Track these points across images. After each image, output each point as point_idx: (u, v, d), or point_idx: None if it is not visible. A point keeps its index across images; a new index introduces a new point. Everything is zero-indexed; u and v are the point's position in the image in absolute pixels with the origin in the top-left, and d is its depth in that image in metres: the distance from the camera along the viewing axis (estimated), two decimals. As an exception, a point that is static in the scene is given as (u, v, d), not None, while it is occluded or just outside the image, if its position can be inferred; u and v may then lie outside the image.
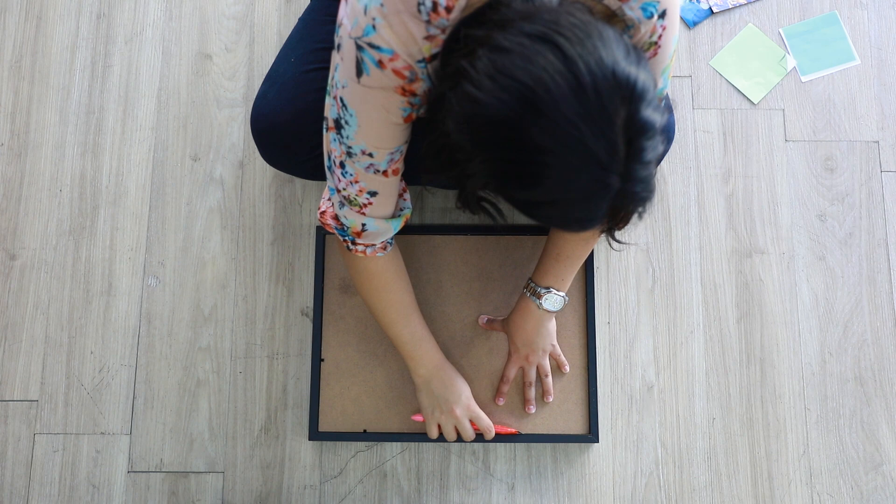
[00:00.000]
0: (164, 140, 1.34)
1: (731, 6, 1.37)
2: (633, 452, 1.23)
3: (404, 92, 0.81)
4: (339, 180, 0.92)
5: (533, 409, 1.21)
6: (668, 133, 1.13)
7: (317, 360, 1.22)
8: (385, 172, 0.91)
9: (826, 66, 1.36)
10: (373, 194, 0.93)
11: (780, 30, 1.37)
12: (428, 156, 0.82)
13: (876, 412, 1.24)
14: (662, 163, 1.31)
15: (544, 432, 1.21)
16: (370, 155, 0.87)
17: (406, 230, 1.27)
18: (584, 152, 0.68)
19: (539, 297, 1.12)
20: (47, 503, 1.23)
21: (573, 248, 1.10)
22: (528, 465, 1.23)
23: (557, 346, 1.20)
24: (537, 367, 1.20)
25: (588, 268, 1.24)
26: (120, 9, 1.39)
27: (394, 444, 1.23)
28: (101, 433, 1.25)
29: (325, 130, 0.92)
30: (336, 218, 0.99)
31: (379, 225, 0.98)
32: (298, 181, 1.32)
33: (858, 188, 1.31)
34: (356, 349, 1.23)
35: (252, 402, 1.25)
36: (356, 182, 0.91)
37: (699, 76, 1.36)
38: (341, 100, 0.84)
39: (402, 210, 1.02)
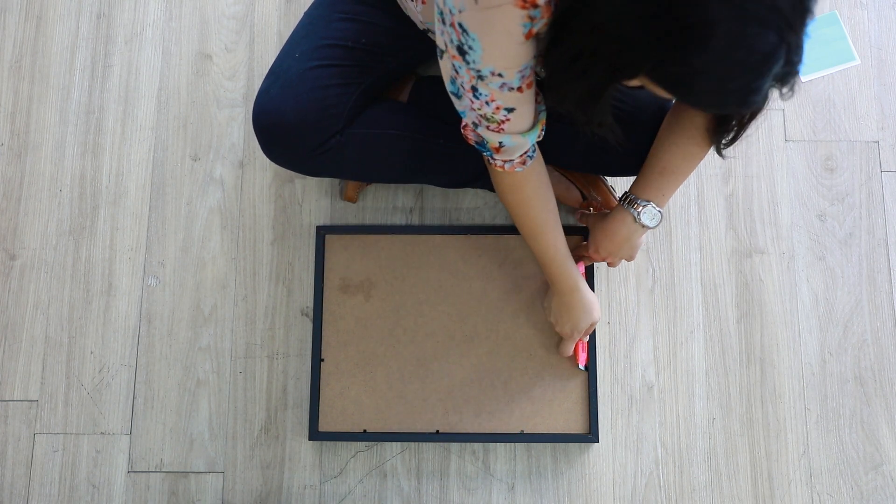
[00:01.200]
0: (164, 140, 1.34)
1: (731, 6, 1.37)
2: (633, 452, 1.23)
3: (524, 4, 0.79)
4: (473, 102, 0.91)
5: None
6: None
7: (317, 360, 1.22)
8: (519, 88, 0.89)
9: (826, 66, 1.36)
10: (510, 110, 0.91)
11: (780, 30, 1.37)
12: (557, 70, 0.81)
13: (876, 412, 1.24)
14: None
15: (544, 432, 1.21)
16: (500, 75, 0.86)
17: (406, 230, 1.27)
18: (749, 8, 0.66)
19: (638, 208, 1.09)
20: (47, 503, 1.23)
21: (679, 162, 1.06)
22: (528, 465, 1.23)
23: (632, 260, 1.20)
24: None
25: (588, 268, 1.25)
26: (120, 9, 1.39)
27: (394, 444, 1.23)
28: (101, 433, 1.25)
29: (442, 58, 0.91)
30: (478, 136, 0.98)
31: (516, 140, 0.96)
32: (298, 181, 1.32)
33: (858, 188, 1.31)
34: (356, 349, 1.23)
35: (252, 402, 1.25)
36: (492, 101, 0.90)
37: (699, 76, 1.36)
38: (460, 25, 0.82)
39: (539, 117, 0.98)
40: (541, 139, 1.00)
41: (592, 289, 1.24)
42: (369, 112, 1.11)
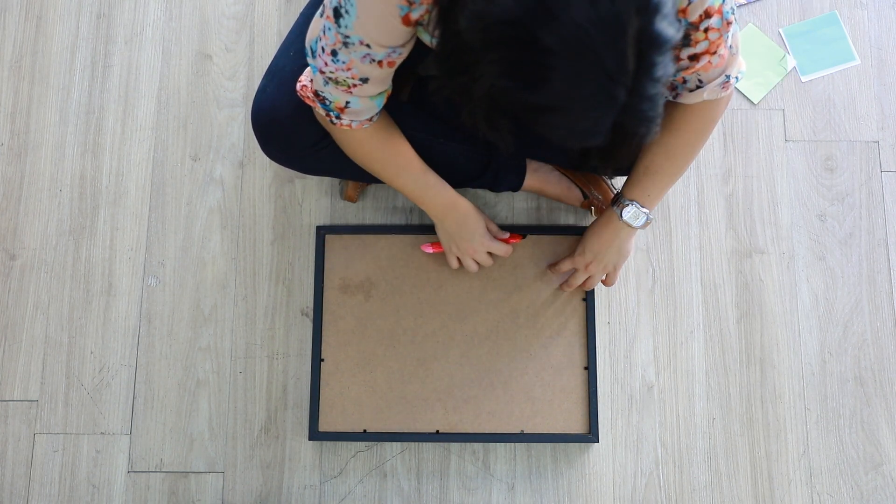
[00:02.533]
0: (164, 140, 1.34)
1: (731, 6, 1.37)
2: (633, 452, 1.23)
3: None
4: (327, 65, 0.91)
5: (569, 289, 1.21)
6: None
7: (317, 360, 1.22)
8: (380, 63, 0.90)
9: (826, 66, 1.36)
10: (364, 80, 0.92)
11: (780, 30, 1.37)
12: (438, 60, 0.81)
13: (876, 412, 1.24)
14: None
15: (544, 432, 1.21)
16: (367, 46, 0.87)
17: (406, 230, 1.27)
18: (593, 59, 0.67)
19: (621, 207, 1.09)
20: (47, 503, 1.23)
21: (662, 161, 1.07)
22: (528, 465, 1.23)
23: (619, 272, 1.19)
24: (587, 280, 1.19)
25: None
26: (120, 9, 1.39)
27: (394, 444, 1.23)
28: (101, 433, 1.25)
29: (319, 16, 0.91)
30: (318, 94, 0.98)
31: (363, 103, 0.96)
32: (298, 181, 1.32)
33: (858, 188, 1.31)
34: (356, 349, 1.23)
35: (252, 402, 1.25)
36: (348, 69, 0.90)
37: (699, 76, 1.36)
38: None
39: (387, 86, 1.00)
40: (385, 104, 1.00)
41: (592, 289, 1.24)
42: None
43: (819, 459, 1.23)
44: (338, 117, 0.99)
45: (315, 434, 1.20)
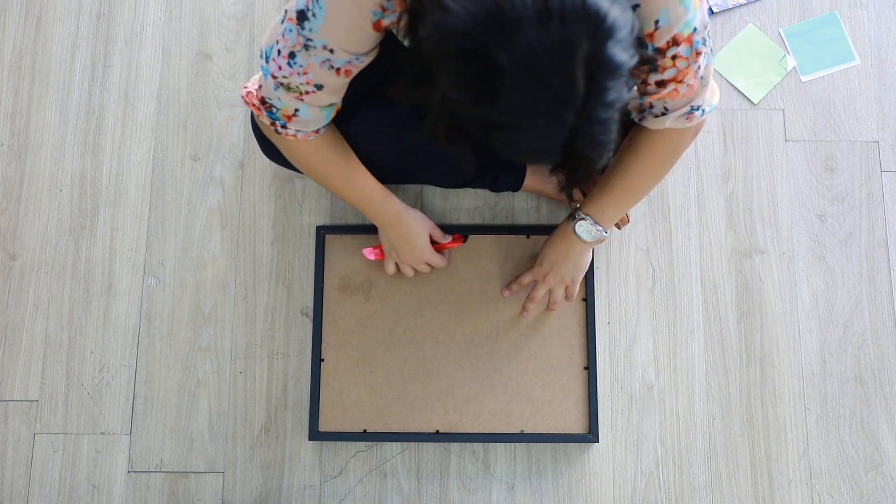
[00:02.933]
0: (164, 140, 1.34)
1: (731, 6, 1.37)
2: (633, 452, 1.23)
3: None
4: (281, 69, 0.90)
5: (528, 315, 1.22)
6: None
7: (317, 360, 1.22)
8: (339, 70, 0.89)
9: (826, 66, 1.36)
10: (319, 87, 0.91)
11: (780, 30, 1.37)
12: (402, 67, 0.81)
13: (876, 412, 1.24)
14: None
15: (544, 432, 1.21)
16: (331, 51, 0.86)
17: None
18: (541, 81, 0.67)
19: (576, 221, 1.10)
20: (47, 503, 1.23)
21: (618, 180, 1.07)
22: (528, 465, 1.23)
23: (578, 284, 1.19)
24: (550, 292, 1.19)
25: (588, 268, 1.24)
26: (120, 9, 1.39)
27: (394, 444, 1.23)
28: (101, 433, 1.25)
29: (280, 21, 0.89)
30: (264, 101, 0.96)
31: (312, 113, 0.95)
32: (298, 181, 1.32)
33: (858, 188, 1.31)
34: (356, 349, 1.23)
35: (252, 402, 1.25)
36: (304, 74, 0.89)
37: (699, 76, 1.36)
38: None
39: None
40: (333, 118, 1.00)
41: (592, 289, 1.24)
42: (367, 110, 1.11)
43: (819, 459, 1.23)
44: (284, 126, 0.98)
45: (315, 434, 1.20)
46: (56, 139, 1.34)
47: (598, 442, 1.20)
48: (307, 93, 0.92)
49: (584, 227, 1.10)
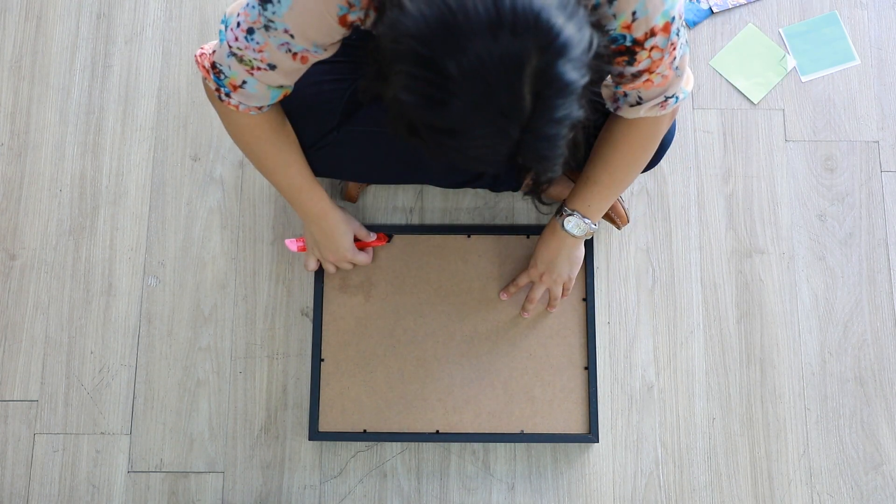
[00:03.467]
0: (164, 140, 1.34)
1: (731, 6, 1.37)
2: (633, 452, 1.23)
3: None
4: (237, 40, 0.89)
5: (527, 315, 1.23)
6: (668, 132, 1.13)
7: (317, 360, 1.22)
8: (296, 55, 0.88)
9: (826, 66, 1.36)
10: (272, 67, 0.90)
11: (780, 30, 1.37)
12: (369, 61, 0.80)
13: (876, 412, 1.24)
14: (662, 162, 1.31)
15: (544, 432, 1.21)
16: (291, 36, 0.85)
17: (406, 230, 1.27)
18: (487, 93, 0.67)
19: (563, 217, 1.10)
20: (47, 503, 1.23)
21: (600, 173, 1.07)
22: (528, 465, 1.23)
23: (574, 280, 1.19)
24: (549, 291, 1.20)
25: (588, 268, 1.24)
26: (120, 9, 1.39)
27: (394, 444, 1.23)
28: (101, 433, 1.25)
29: None
30: (214, 66, 0.94)
31: (259, 89, 0.94)
32: (298, 181, 1.32)
33: (858, 188, 1.31)
34: (356, 349, 1.23)
35: (252, 402, 1.25)
36: (260, 52, 0.88)
37: (699, 76, 1.36)
38: None
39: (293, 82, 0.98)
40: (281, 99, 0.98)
41: (592, 289, 1.24)
42: (368, 109, 1.11)
43: (819, 459, 1.23)
44: (227, 95, 0.96)
45: (315, 434, 1.20)
46: (56, 139, 1.34)
47: (598, 442, 1.20)
48: (258, 69, 0.91)
49: (572, 223, 1.10)
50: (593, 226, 1.11)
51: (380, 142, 1.13)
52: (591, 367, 1.22)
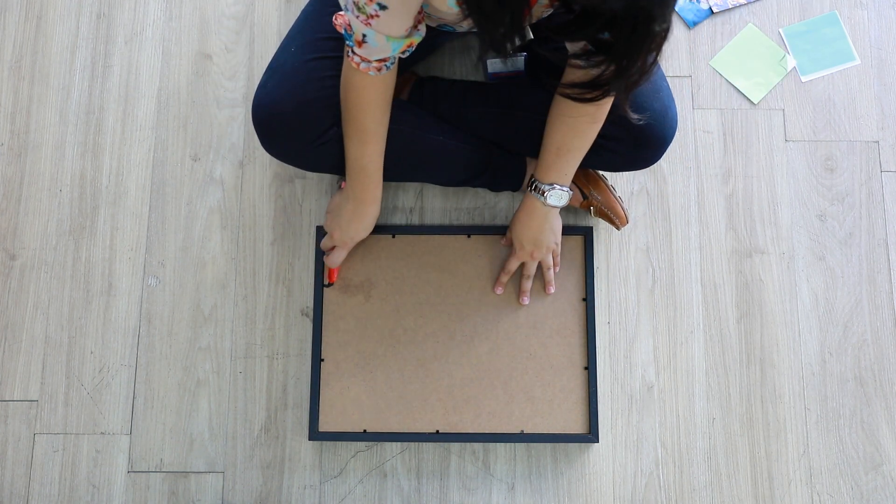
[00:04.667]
0: (164, 140, 1.34)
1: (731, 6, 1.37)
2: (633, 452, 1.23)
3: None
4: None
5: (527, 301, 1.23)
6: (671, 121, 1.12)
7: (317, 360, 1.22)
8: None
9: (826, 66, 1.36)
10: (382, 7, 0.91)
11: (780, 30, 1.37)
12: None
13: (876, 412, 1.24)
14: (662, 162, 1.31)
15: (544, 432, 1.21)
16: None
17: (407, 230, 1.27)
18: None
19: (543, 193, 1.12)
20: (47, 503, 1.23)
21: (571, 140, 1.08)
22: (528, 465, 1.23)
23: (560, 246, 1.21)
24: (541, 267, 1.22)
25: (588, 268, 1.25)
26: (120, 9, 1.39)
27: (394, 444, 1.23)
28: (101, 433, 1.25)
29: None
30: (348, 23, 0.97)
31: (378, 41, 0.95)
32: (298, 181, 1.32)
33: (858, 188, 1.31)
34: (356, 349, 1.23)
35: (252, 402, 1.25)
36: None
37: (699, 76, 1.36)
38: None
39: (412, 33, 0.98)
40: (405, 55, 1.00)
41: (592, 289, 1.24)
42: None
43: (819, 459, 1.23)
44: (353, 51, 0.99)
45: (315, 434, 1.20)
46: (56, 139, 1.34)
47: (598, 442, 1.20)
48: (373, 15, 0.92)
49: (555, 195, 1.12)
50: (570, 192, 1.13)
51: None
52: (591, 367, 1.22)
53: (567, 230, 1.27)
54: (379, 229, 1.26)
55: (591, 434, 1.20)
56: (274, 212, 1.31)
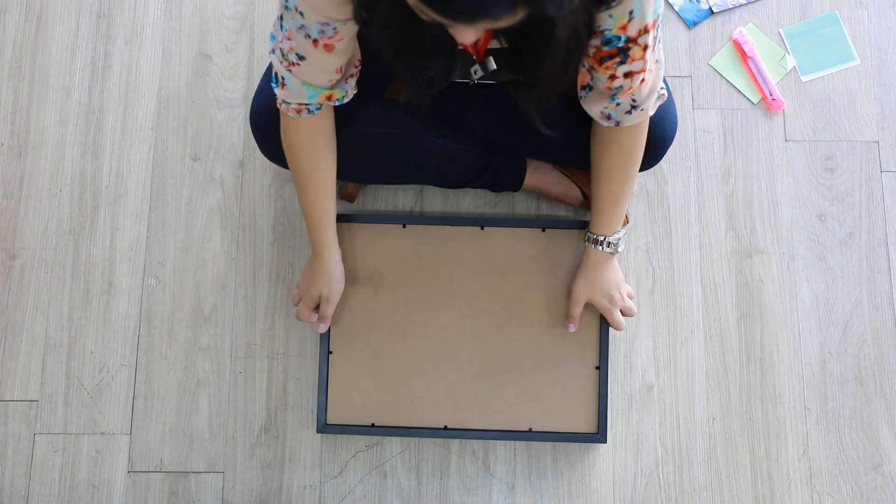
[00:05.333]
0: (164, 140, 1.34)
1: (731, 6, 1.38)
2: (633, 452, 1.23)
3: None
4: (278, 32, 0.93)
5: (573, 328, 1.20)
6: (671, 122, 1.13)
7: (325, 352, 1.21)
8: (315, 42, 0.90)
9: (826, 66, 1.36)
10: (301, 58, 0.92)
11: (780, 30, 1.37)
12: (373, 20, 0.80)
13: (876, 412, 1.24)
14: (662, 162, 1.31)
15: (553, 430, 1.20)
16: (301, 14, 0.87)
17: (420, 220, 1.24)
18: None
19: (612, 245, 1.12)
20: (47, 503, 1.23)
21: (622, 186, 1.09)
22: (528, 465, 1.23)
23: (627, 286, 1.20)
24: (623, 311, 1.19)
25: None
26: (120, 9, 1.39)
27: (394, 444, 1.23)
28: (101, 433, 1.25)
29: None
30: (271, 67, 0.99)
31: (295, 85, 0.96)
32: (298, 181, 1.32)
33: (858, 188, 1.32)
34: (365, 342, 1.22)
35: (252, 402, 1.25)
36: (289, 39, 0.91)
37: (699, 76, 1.36)
38: None
39: (335, 87, 0.99)
40: (343, 101, 1.00)
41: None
42: (367, 110, 1.11)
43: (819, 459, 1.23)
44: (275, 93, 0.99)
45: (323, 427, 1.20)
46: (56, 139, 1.34)
47: (605, 443, 1.20)
48: (293, 63, 0.93)
49: (623, 238, 1.13)
50: (624, 230, 1.15)
51: (379, 143, 1.13)
52: (602, 367, 1.21)
53: (567, 225, 1.25)
54: (388, 219, 1.25)
55: (598, 434, 1.20)
56: (274, 212, 1.31)
